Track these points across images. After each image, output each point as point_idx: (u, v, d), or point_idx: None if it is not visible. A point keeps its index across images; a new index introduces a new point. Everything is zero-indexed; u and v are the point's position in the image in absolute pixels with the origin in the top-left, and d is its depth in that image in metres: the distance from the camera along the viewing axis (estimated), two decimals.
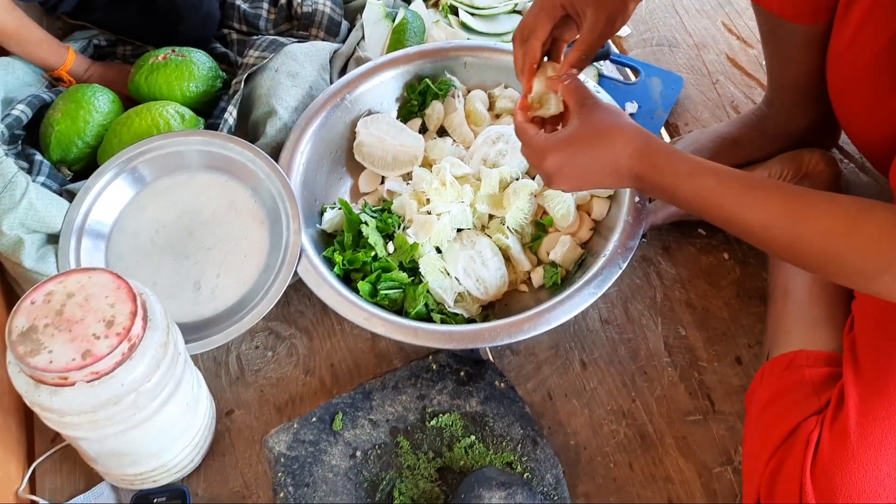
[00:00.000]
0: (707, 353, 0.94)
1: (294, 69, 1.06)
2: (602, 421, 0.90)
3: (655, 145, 0.73)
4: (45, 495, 0.84)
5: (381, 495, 0.82)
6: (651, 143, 0.73)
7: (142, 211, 0.96)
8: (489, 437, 0.85)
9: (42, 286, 0.69)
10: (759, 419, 0.78)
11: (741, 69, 1.21)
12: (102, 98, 1.04)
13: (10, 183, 0.89)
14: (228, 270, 0.93)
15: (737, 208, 0.69)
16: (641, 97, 1.16)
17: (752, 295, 0.98)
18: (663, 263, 1.01)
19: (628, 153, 0.73)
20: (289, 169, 0.97)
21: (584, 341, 0.95)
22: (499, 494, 0.76)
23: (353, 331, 0.96)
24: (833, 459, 0.69)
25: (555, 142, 0.76)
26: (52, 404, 0.67)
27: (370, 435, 0.85)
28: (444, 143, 1.04)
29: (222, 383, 0.92)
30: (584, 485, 0.85)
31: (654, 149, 0.73)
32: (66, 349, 0.66)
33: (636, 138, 0.73)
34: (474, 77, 1.10)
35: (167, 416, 0.75)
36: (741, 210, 0.68)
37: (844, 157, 1.08)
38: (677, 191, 0.71)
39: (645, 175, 0.73)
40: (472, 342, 0.85)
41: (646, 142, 0.73)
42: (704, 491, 0.85)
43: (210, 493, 0.85)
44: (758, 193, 0.68)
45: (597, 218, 0.98)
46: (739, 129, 1.03)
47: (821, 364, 0.78)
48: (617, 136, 0.73)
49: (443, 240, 0.96)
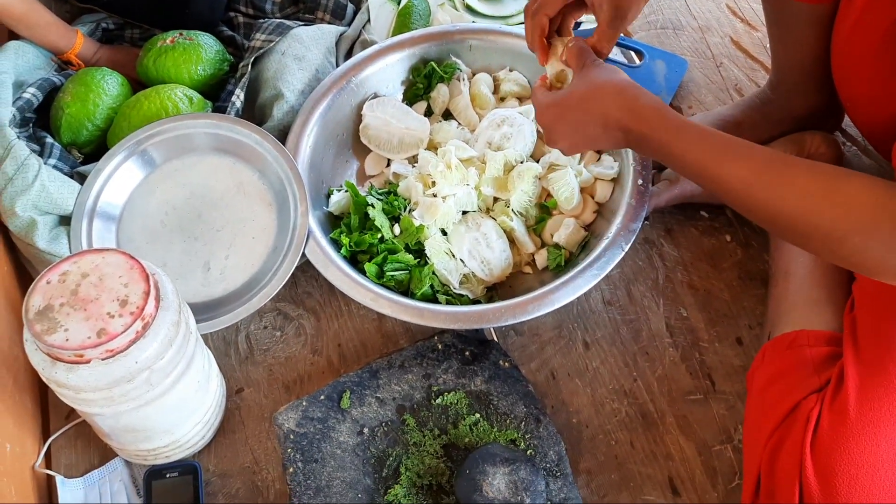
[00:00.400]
0: (708, 334, 0.95)
1: (300, 52, 1.07)
2: (604, 400, 0.91)
3: (645, 99, 0.74)
4: (60, 470, 0.86)
5: (388, 471, 0.83)
6: (641, 97, 0.74)
7: (152, 193, 0.98)
8: (493, 414, 0.87)
9: (57, 266, 0.71)
10: (760, 398, 0.80)
11: (745, 52, 1.21)
12: (112, 81, 1.05)
13: (23, 165, 0.91)
14: (237, 252, 0.94)
15: (718, 165, 0.70)
16: (645, 80, 1.16)
17: (753, 277, 0.99)
18: (666, 245, 1.03)
19: (617, 105, 0.74)
20: (296, 152, 0.98)
21: (587, 322, 0.97)
22: (503, 470, 0.77)
23: (359, 311, 0.98)
24: (832, 437, 0.70)
25: (552, 98, 0.79)
26: (69, 381, 0.69)
27: (377, 412, 0.87)
28: (450, 126, 1.05)
29: (232, 362, 0.94)
30: (585, 462, 0.87)
31: (643, 103, 0.74)
32: (82, 327, 0.68)
33: (626, 90, 0.75)
34: (479, 60, 1.10)
35: (179, 393, 0.77)
36: (722, 166, 0.70)
37: (847, 140, 1.09)
38: (662, 145, 0.73)
39: (632, 128, 0.74)
40: (477, 322, 0.87)
41: (635, 95, 0.74)
42: (704, 468, 0.87)
43: (221, 469, 0.87)
44: (739, 151, 0.70)
45: (600, 200, 0.99)
46: (743, 112, 1.03)
47: (822, 343, 0.79)
48: (608, 90, 0.75)
49: (448, 222, 0.97)
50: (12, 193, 0.90)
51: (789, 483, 0.71)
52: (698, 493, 0.85)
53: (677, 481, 0.86)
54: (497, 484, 0.77)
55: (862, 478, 0.69)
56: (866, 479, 0.69)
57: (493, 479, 0.77)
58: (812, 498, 0.69)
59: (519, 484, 0.77)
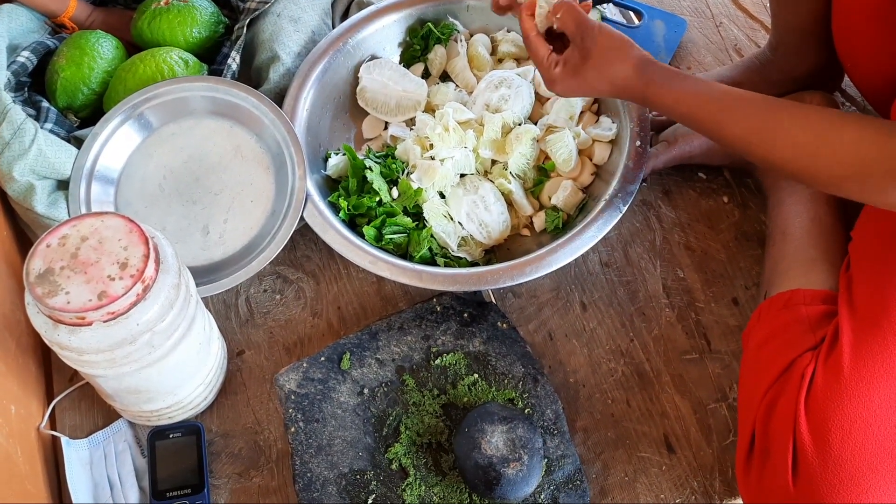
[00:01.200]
0: (704, 295, 0.96)
1: (296, 14, 1.06)
2: (601, 360, 0.92)
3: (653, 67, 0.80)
4: (65, 431, 0.88)
5: (387, 430, 0.85)
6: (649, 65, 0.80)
7: (149, 157, 0.98)
8: (491, 375, 0.88)
9: (56, 230, 0.71)
10: (755, 356, 0.81)
11: (745, 11, 1.20)
12: (106, 44, 1.04)
13: (19, 130, 0.91)
14: (235, 215, 0.95)
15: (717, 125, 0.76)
16: (644, 40, 1.15)
17: (750, 238, 1.00)
18: (663, 207, 1.03)
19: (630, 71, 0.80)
20: (293, 115, 0.98)
21: (585, 284, 0.97)
22: (500, 428, 0.79)
23: (358, 274, 0.99)
24: (826, 393, 0.71)
25: (562, 73, 0.84)
26: (71, 343, 0.69)
27: (377, 373, 0.88)
28: (447, 88, 1.04)
29: (233, 325, 0.95)
30: (582, 420, 0.89)
31: (652, 69, 0.80)
32: (83, 290, 0.68)
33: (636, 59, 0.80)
34: (477, 21, 1.09)
35: (181, 355, 0.77)
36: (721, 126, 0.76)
37: (846, 101, 1.08)
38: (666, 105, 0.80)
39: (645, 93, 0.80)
40: (475, 284, 0.88)
41: (647, 60, 0.81)
42: (699, 426, 0.88)
43: (223, 429, 0.88)
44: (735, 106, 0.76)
45: (598, 162, 0.99)
46: (742, 73, 1.03)
47: (818, 302, 0.80)
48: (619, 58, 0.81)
49: (446, 185, 0.97)
50: (9, 158, 0.90)
51: (783, 439, 0.72)
52: (693, 449, 0.87)
53: (672, 438, 0.87)
54: (495, 441, 0.78)
55: (855, 433, 0.70)
56: (859, 434, 0.70)
57: (491, 437, 0.78)
58: (806, 453, 0.71)
59: (517, 441, 0.78)
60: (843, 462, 0.69)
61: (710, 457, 0.86)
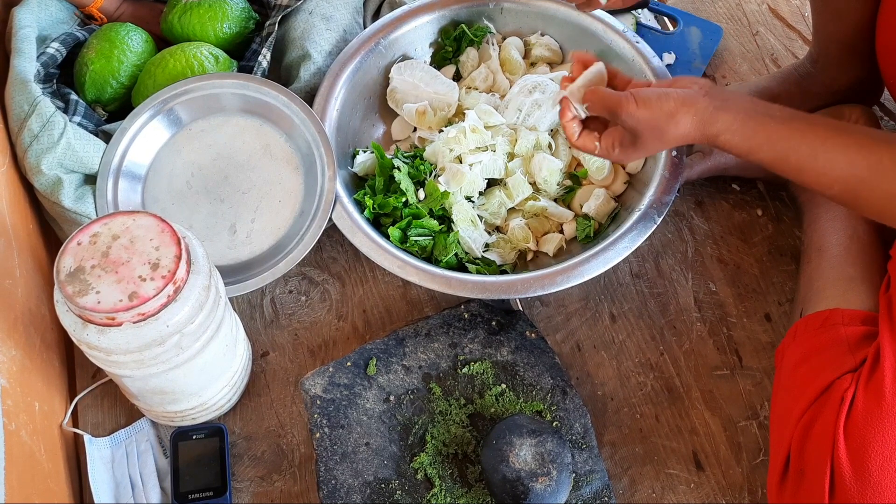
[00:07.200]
0: (736, 309, 0.95)
1: (328, 12, 1.04)
2: (630, 373, 0.91)
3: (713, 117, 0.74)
4: (87, 429, 0.87)
5: (413, 438, 0.84)
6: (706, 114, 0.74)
7: (178, 153, 0.96)
8: (519, 385, 0.87)
9: (87, 227, 0.70)
10: (791, 376, 0.79)
11: (783, 20, 1.18)
12: (136, 38, 1.03)
13: (49, 122, 0.90)
14: (263, 215, 0.93)
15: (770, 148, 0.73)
16: (679, 47, 1.14)
17: (783, 252, 0.98)
18: (696, 218, 1.01)
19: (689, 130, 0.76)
20: (323, 115, 0.97)
21: (615, 294, 0.96)
22: (529, 441, 0.77)
23: (384, 278, 0.97)
24: (867, 418, 0.69)
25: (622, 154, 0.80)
26: (100, 343, 0.68)
27: (403, 380, 0.87)
28: (479, 92, 1.03)
29: (257, 326, 0.94)
30: (610, 434, 0.87)
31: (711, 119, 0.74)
32: (113, 290, 0.67)
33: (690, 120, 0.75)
34: (511, 23, 1.08)
35: (208, 357, 0.76)
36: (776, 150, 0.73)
37: (885, 115, 1.06)
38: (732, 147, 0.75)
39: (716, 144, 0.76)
40: (504, 293, 0.86)
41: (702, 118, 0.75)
42: (729, 444, 0.86)
43: (246, 431, 0.87)
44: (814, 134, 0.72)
45: (632, 171, 0.98)
46: (780, 84, 1.01)
47: (857, 322, 0.78)
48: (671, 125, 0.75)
49: (474, 190, 0.96)
50: (38, 151, 0.89)
51: (821, 463, 0.70)
52: (722, 468, 0.85)
53: (701, 456, 0.86)
54: (524, 455, 0.77)
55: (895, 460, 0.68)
56: None
57: (519, 451, 0.77)
58: (844, 478, 0.69)
59: (545, 455, 0.77)
60: (882, 489, 0.68)
61: (740, 476, 0.85)
